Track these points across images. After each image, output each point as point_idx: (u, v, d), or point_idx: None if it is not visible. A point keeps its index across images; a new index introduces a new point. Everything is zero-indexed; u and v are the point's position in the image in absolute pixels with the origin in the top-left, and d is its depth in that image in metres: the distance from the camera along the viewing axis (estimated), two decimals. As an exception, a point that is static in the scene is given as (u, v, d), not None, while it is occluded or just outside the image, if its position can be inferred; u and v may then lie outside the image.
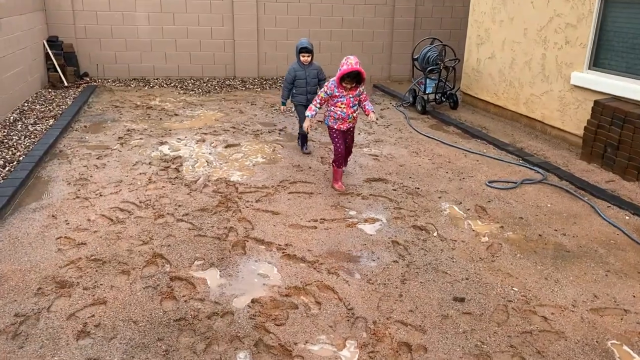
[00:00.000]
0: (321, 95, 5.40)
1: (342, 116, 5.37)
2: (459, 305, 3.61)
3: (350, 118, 5.44)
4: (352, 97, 5.32)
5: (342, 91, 5.24)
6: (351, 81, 5.17)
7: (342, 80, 5.15)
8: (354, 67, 5.02)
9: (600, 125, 6.26)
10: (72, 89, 9.85)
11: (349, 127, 5.51)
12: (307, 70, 6.43)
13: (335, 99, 5.32)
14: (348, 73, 5.07)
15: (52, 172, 5.82)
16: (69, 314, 3.37)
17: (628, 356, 3.17)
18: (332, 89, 5.29)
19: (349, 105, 5.34)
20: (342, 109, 5.34)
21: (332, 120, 5.45)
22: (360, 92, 5.37)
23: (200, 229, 4.59)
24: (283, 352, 3.10)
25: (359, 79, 5.19)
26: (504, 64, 8.48)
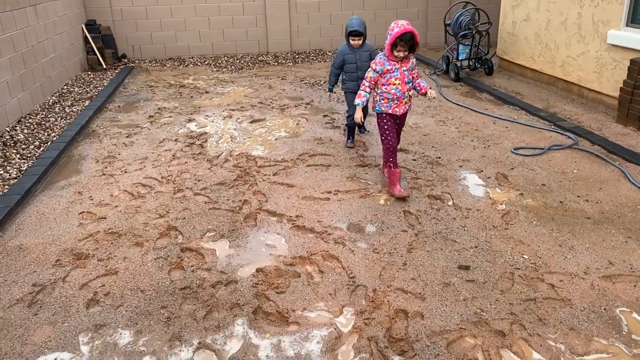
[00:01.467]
0: (370, 75, 4.66)
1: (397, 95, 4.59)
2: (463, 273, 3.56)
3: (407, 97, 4.66)
4: (406, 70, 4.58)
5: (395, 64, 4.53)
6: (404, 46, 4.42)
7: (393, 48, 4.44)
8: (407, 27, 4.34)
9: (636, 85, 5.91)
10: (110, 71, 10.16)
11: (405, 110, 4.72)
12: (358, 53, 5.65)
13: (387, 75, 4.57)
14: (401, 36, 4.34)
15: (83, 151, 6.07)
16: (82, 283, 3.54)
17: (637, 323, 3.04)
18: (382, 63, 4.56)
19: (403, 80, 4.58)
20: (396, 85, 4.56)
21: (386, 104, 4.66)
22: (413, 65, 4.68)
23: (215, 202, 4.69)
24: (280, 318, 3.16)
25: (412, 45, 4.46)
26: (540, 26, 8.10)
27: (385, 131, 4.76)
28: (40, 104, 7.76)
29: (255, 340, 2.99)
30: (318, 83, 9.09)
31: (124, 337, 3.05)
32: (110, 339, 3.04)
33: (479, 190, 4.81)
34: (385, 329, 3.05)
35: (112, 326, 3.13)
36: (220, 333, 3.05)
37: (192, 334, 3.05)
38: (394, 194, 4.65)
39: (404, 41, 4.40)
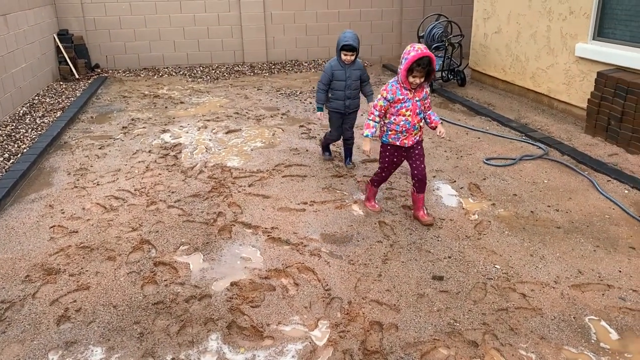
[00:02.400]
0: (380, 104, 4.21)
1: (406, 127, 4.19)
2: (437, 283, 3.59)
3: (416, 129, 4.25)
4: (418, 101, 4.16)
5: (407, 93, 4.11)
6: (421, 72, 3.96)
7: (409, 73, 3.98)
8: (424, 51, 3.90)
9: (603, 97, 6.07)
10: (82, 81, 10.03)
11: (414, 142, 4.31)
12: (349, 70, 5.23)
13: (398, 105, 4.14)
14: (418, 60, 3.88)
15: (54, 163, 5.97)
16: (52, 299, 3.48)
17: (604, 331, 3.11)
18: (394, 91, 4.12)
19: (415, 111, 4.16)
20: (406, 117, 4.16)
21: (394, 135, 4.26)
22: (427, 95, 4.25)
23: (189, 214, 4.66)
24: (254, 333, 3.15)
25: (429, 71, 4.02)
26: (510, 38, 8.28)
27: (385, 164, 4.47)
28: (10, 115, 7.62)
29: (230, 356, 2.97)
30: (294, 93, 9.11)
31: (95, 354, 3.00)
32: (81, 356, 2.98)
33: (452, 200, 4.87)
34: (360, 341, 3.06)
35: (84, 343, 3.08)
36: (194, 348, 3.03)
37: (166, 350, 3.02)
38: (368, 207, 4.71)
39: (422, 66, 3.93)
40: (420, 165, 4.37)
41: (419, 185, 4.38)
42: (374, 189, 4.70)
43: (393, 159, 4.44)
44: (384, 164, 4.49)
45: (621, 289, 3.50)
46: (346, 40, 5.09)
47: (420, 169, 4.36)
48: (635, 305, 3.33)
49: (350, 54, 5.16)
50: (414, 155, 4.37)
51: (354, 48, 5.13)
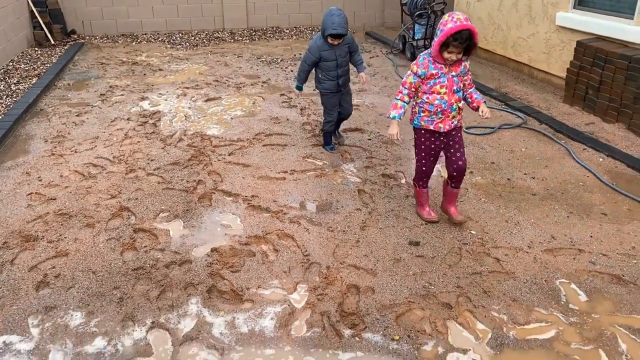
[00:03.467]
0: (409, 80, 3.61)
1: (441, 107, 3.58)
2: (414, 249, 3.66)
3: (454, 110, 3.63)
4: (455, 77, 3.56)
5: (442, 67, 3.51)
6: (459, 47, 3.36)
7: (443, 48, 3.40)
8: (465, 23, 3.29)
9: (582, 66, 6.12)
10: (58, 47, 9.80)
11: (452, 126, 3.68)
12: (338, 49, 4.81)
13: (431, 82, 3.55)
14: (455, 34, 3.30)
15: (30, 130, 5.88)
16: (31, 266, 3.47)
17: (574, 293, 3.22)
18: (426, 65, 3.53)
19: (451, 89, 3.56)
20: (441, 95, 3.56)
21: (427, 117, 3.66)
22: (466, 70, 3.64)
23: (169, 182, 4.64)
24: (234, 296, 3.20)
25: (469, 46, 3.40)
26: (493, 7, 8.25)
27: (422, 152, 3.82)
28: (-16, 81, 7.44)
29: (210, 319, 3.02)
30: (275, 61, 9.02)
31: (75, 318, 3.02)
32: (61, 320, 3.00)
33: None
34: (337, 304, 3.12)
35: (63, 308, 3.10)
36: (174, 312, 3.07)
37: (146, 314, 3.05)
38: (422, 216, 3.99)
39: (459, 41, 3.32)
40: (461, 157, 3.74)
41: (456, 180, 3.82)
42: (422, 190, 3.98)
43: (430, 146, 3.76)
44: (420, 153, 3.84)
45: (592, 253, 3.60)
46: (335, 28, 4.56)
47: (461, 162, 3.74)
48: (604, 269, 3.44)
49: (337, 41, 4.73)
50: (453, 143, 3.73)
51: (343, 36, 4.68)
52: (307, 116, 6.30)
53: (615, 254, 3.59)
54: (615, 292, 3.23)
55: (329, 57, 4.83)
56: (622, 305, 3.12)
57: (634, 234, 3.82)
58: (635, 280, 3.32)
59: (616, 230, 3.87)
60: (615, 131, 5.63)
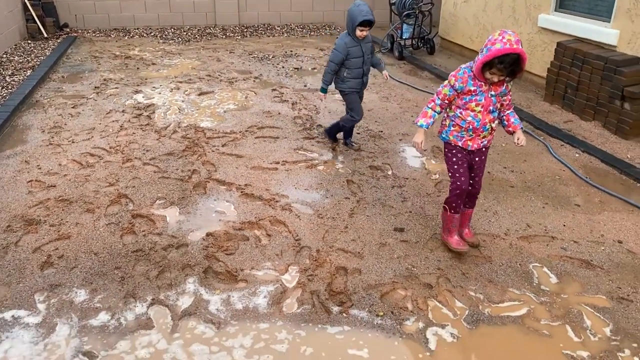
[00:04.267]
0: (444, 91, 3.39)
1: (473, 125, 3.35)
2: (398, 234, 3.89)
3: (487, 130, 3.41)
4: (494, 96, 3.31)
5: (481, 85, 3.26)
6: (503, 71, 3.12)
7: (486, 68, 3.15)
8: (514, 47, 3.00)
9: (561, 66, 6.39)
10: (51, 40, 9.90)
11: (480, 146, 3.47)
12: (364, 45, 4.80)
13: (467, 97, 3.31)
14: (502, 57, 3.03)
15: (27, 121, 6.02)
16: (35, 247, 3.65)
17: (545, 276, 3.46)
18: (466, 79, 3.27)
19: (487, 108, 3.32)
20: (475, 113, 3.33)
21: (456, 132, 3.44)
22: (507, 91, 3.39)
23: (165, 171, 4.83)
24: (229, 277, 3.40)
25: (515, 69, 3.13)
26: (478, 8, 8.51)
27: (455, 165, 3.52)
28: (-21, 73, 7.54)
29: (206, 296, 3.22)
30: (267, 57, 9.21)
31: (79, 295, 3.21)
32: (66, 297, 3.19)
33: (416, 161, 5.16)
34: (326, 283, 3.34)
35: (68, 285, 3.28)
36: (173, 290, 3.26)
37: (146, 292, 3.25)
38: (450, 245, 3.62)
39: (504, 64, 3.07)
40: (479, 181, 3.64)
41: (470, 200, 3.68)
42: (453, 215, 3.60)
43: (461, 157, 3.51)
44: (452, 166, 3.55)
45: (564, 240, 3.86)
46: (365, 15, 4.57)
47: (477, 186, 3.64)
48: (574, 254, 3.69)
49: (367, 29, 4.70)
50: (475, 166, 3.57)
51: (373, 23, 4.67)
52: (298, 110, 6.51)
53: (585, 241, 3.85)
54: (584, 275, 3.49)
55: (356, 53, 4.79)
56: (589, 287, 3.37)
57: (603, 224, 4.09)
58: (602, 265, 3.58)
59: (587, 220, 4.14)
60: (591, 129, 5.91)
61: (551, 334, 2.97)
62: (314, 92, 7.26)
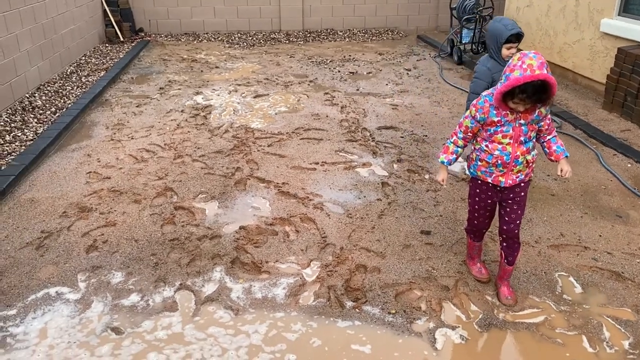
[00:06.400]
0: (466, 124, 3.05)
1: (502, 160, 2.96)
2: (424, 237, 3.92)
3: (520, 164, 2.99)
4: (524, 125, 2.91)
5: (506, 114, 2.88)
6: (527, 102, 2.75)
7: (507, 98, 2.78)
8: (536, 73, 2.63)
9: (622, 73, 6.13)
10: (126, 44, 10.58)
11: (516, 181, 3.04)
12: None
13: (492, 129, 2.95)
14: (524, 86, 2.67)
15: (95, 118, 6.52)
16: (84, 232, 4.00)
17: (570, 285, 3.39)
18: (487, 109, 2.92)
19: (517, 139, 2.93)
20: (504, 146, 2.95)
21: (483, 168, 3.07)
22: (542, 116, 2.96)
23: (211, 168, 5.10)
24: (254, 267, 3.58)
25: (543, 96, 2.73)
26: (541, 12, 8.28)
27: (475, 205, 3.24)
28: (59, 73, 8.22)
29: (230, 285, 3.41)
30: (325, 62, 9.39)
31: (116, 277, 3.49)
32: (104, 278, 3.48)
33: (456, 166, 5.13)
34: (344, 280, 3.44)
35: (107, 268, 3.58)
36: (200, 277, 3.48)
37: (176, 277, 3.48)
38: (471, 272, 3.47)
39: (527, 94, 2.69)
40: (514, 220, 3.13)
41: (507, 249, 3.20)
42: (473, 243, 3.44)
43: (487, 200, 3.17)
44: (472, 205, 3.27)
45: (596, 251, 3.74)
46: (511, 28, 3.84)
47: (512, 225, 3.13)
48: (605, 265, 3.58)
49: (516, 45, 3.94)
50: (509, 202, 3.11)
51: (522, 36, 3.94)
52: (347, 114, 6.63)
53: (620, 253, 3.71)
54: (612, 287, 3.38)
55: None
56: (615, 299, 3.26)
57: (643, 236, 3.92)
58: (634, 278, 3.45)
59: (627, 232, 3.98)
60: (650, 138, 5.63)
61: (565, 343, 2.92)
62: (365, 95, 7.36)
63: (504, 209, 3.16)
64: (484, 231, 3.40)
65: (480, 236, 3.43)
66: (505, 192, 3.11)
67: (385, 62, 9.44)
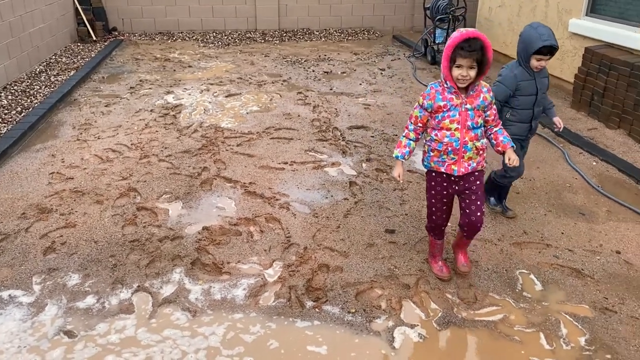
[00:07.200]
0: (415, 114, 3.13)
1: (452, 146, 3.04)
2: (388, 235, 3.91)
3: (470, 150, 3.05)
4: (470, 110, 2.99)
5: (452, 98, 2.98)
6: (469, 58, 2.81)
7: (452, 63, 2.88)
8: (474, 32, 2.84)
9: (589, 72, 6.19)
10: (99, 43, 10.43)
11: (468, 169, 3.10)
12: (539, 79, 3.74)
13: (439, 115, 3.03)
14: (462, 43, 2.81)
15: (62, 118, 6.40)
16: (42, 234, 3.91)
17: (531, 283, 3.40)
18: (433, 95, 3.02)
19: (465, 124, 3.00)
20: (452, 131, 3.02)
21: (437, 158, 3.13)
22: (487, 102, 3.04)
23: (177, 167, 5.03)
24: (214, 269, 3.53)
25: (482, 60, 2.85)
26: (512, 13, 8.35)
27: (432, 199, 3.27)
28: (27, 72, 8.06)
29: (189, 286, 3.36)
30: (299, 61, 9.36)
31: (73, 279, 3.42)
32: (60, 280, 3.41)
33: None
34: (306, 279, 3.41)
35: (64, 270, 3.51)
36: (159, 279, 3.42)
37: (134, 279, 3.42)
38: (432, 269, 3.47)
39: (466, 49, 2.79)
40: (476, 211, 3.16)
41: (468, 234, 3.33)
42: (435, 241, 3.47)
43: (442, 192, 3.22)
44: (430, 199, 3.30)
45: (558, 248, 3.77)
46: (545, 39, 3.51)
47: (474, 217, 3.17)
48: (566, 262, 3.60)
49: (547, 59, 3.64)
50: (469, 192, 3.15)
51: (555, 50, 3.62)
52: (318, 113, 6.60)
53: (581, 250, 3.74)
54: (571, 284, 3.40)
55: (528, 89, 3.72)
56: (574, 296, 3.29)
57: (605, 233, 3.96)
58: (593, 275, 3.48)
59: (589, 229, 4.02)
60: (615, 137, 5.70)
61: (522, 340, 2.93)
62: (338, 95, 7.35)
63: (463, 202, 3.21)
64: (443, 227, 3.42)
65: (441, 233, 3.45)
66: (461, 183, 3.16)
67: (360, 61, 9.43)
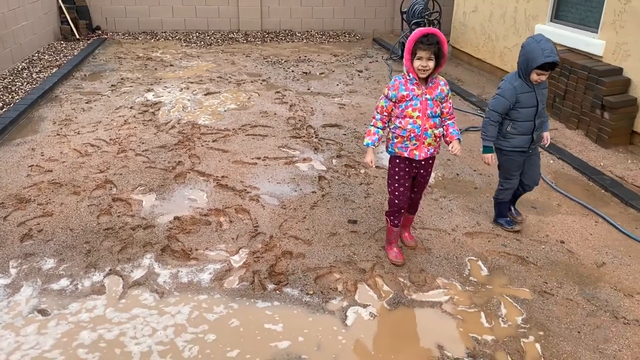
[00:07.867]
0: (381, 104, 3.43)
1: (415, 133, 3.35)
2: (350, 226, 4.15)
3: (430, 137, 3.39)
4: (430, 100, 3.33)
5: (414, 89, 3.32)
6: (428, 51, 3.17)
7: (413, 56, 3.25)
8: (431, 29, 3.24)
9: (551, 76, 6.48)
10: (82, 42, 10.57)
11: (428, 154, 3.45)
12: (539, 91, 3.76)
13: (403, 104, 3.35)
14: (422, 37, 3.18)
15: (43, 114, 6.56)
16: (20, 222, 4.09)
17: (478, 268, 3.66)
18: (397, 86, 3.35)
19: (425, 113, 3.33)
20: (414, 119, 3.34)
21: (400, 144, 3.42)
22: (444, 94, 3.41)
23: (153, 162, 5.23)
24: (183, 255, 3.74)
25: (438, 54, 3.22)
26: (484, 17, 8.65)
27: (395, 184, 3.54)
28: (10, 69, 8.20)
29: (158, 270, 3.57)
30: (280, 62, 9.58)
31: (48, 263, 3.61)
32: (36, 264, 3.60)
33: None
34: (270, 265, 3.64)
35: (40, 255, 3.70)
36: (130, 263, 3.63)
37: (106, 263, 3.62)
38: (388, 256, 3.72)
39: (425, 43, 3.17)
40: (420, 191, 3.71)
41: (412, 207, 3.79)
42: (392, 229, 3.69)
43: (404, 175, 3.51)
44: (393, 184, 3.55)
45: (507, 238, 4.03)
46: (547, 55, 3.52)
47: (418, 195, 3.73)
48: (512, 251, 3.87)
49: (547, 74, 3.69)
50: (421, 175, 3.59)
51: (556, 65, 3.65)
52: (294, 112, 6.83)
53: (528, 240, 4.01)
54: (516, 269, 3.66)
55: (528, 102, 3.74)
56: (517, 280, 3.55)
57: (552, 225, 4.23)
58: (536, 262, 3.74)
59: (538, 221, 4.29)
60: (574, 137, 6.00)
61: (464, 319, 3.18)
62: (315, 95, 7.58)
63: (415, 184, 3.67)
64: (403, 210, 3.67)
65: (399, 217, 3.68)
66: (419, 168, 3.55)
67: (339, 63, 9.68)
